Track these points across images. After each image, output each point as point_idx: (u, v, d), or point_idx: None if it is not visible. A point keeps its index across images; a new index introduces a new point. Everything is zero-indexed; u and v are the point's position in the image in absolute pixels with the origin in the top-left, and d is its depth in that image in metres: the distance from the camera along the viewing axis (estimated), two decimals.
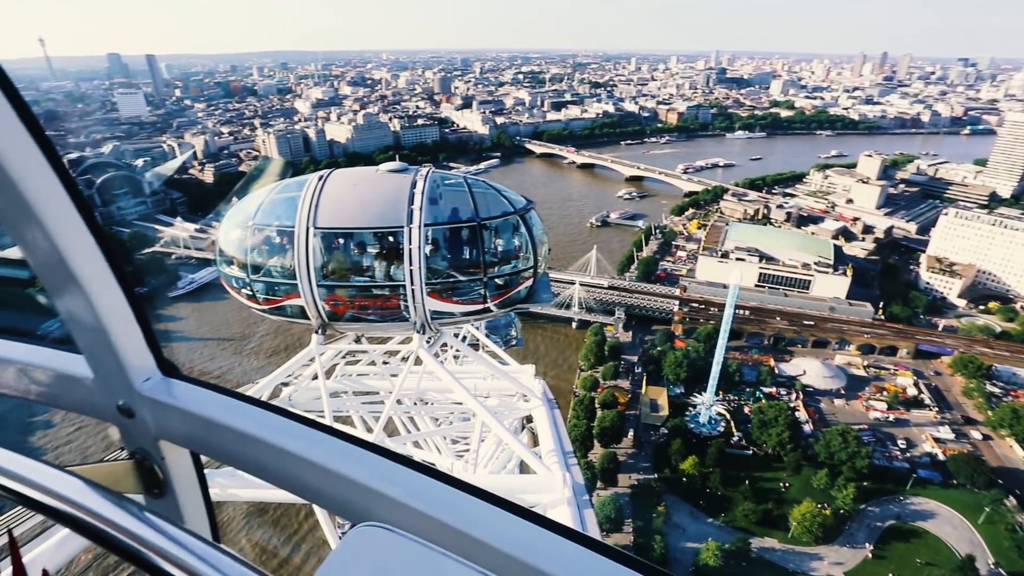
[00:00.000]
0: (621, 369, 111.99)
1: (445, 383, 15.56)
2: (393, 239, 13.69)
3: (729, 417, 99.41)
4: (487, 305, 14.79)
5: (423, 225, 13.36)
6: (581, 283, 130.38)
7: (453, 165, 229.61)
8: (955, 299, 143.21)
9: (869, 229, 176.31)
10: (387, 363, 18.83)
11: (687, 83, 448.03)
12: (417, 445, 21.93)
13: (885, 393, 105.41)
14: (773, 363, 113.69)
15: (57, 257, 2.18)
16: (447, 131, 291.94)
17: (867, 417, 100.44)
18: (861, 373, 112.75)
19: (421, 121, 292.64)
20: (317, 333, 15.02)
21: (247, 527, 72.75)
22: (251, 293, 14.69)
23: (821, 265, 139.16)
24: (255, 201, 14.50)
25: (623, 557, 1.66)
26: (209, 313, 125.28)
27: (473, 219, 13.96)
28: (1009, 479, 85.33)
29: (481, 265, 14.21)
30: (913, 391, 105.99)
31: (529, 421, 19.58)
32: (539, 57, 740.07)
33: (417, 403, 21.01)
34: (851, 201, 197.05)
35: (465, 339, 23.79)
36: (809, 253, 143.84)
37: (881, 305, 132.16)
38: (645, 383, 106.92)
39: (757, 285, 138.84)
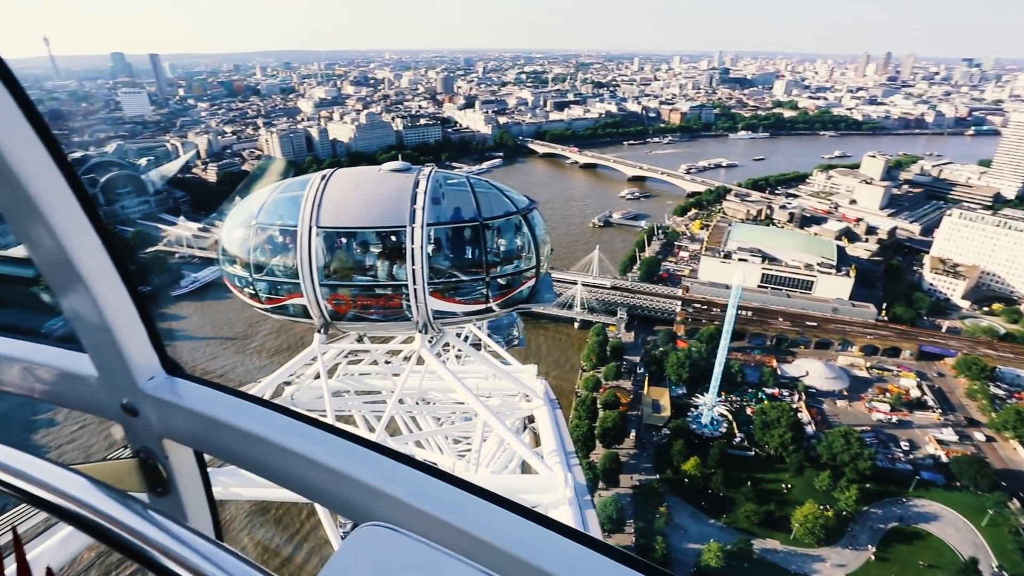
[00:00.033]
0: (623, 369, 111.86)
1: (447, 383, 15.56)
2: (396, 238, 13.66)
3: (731, 418, 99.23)
4: (489, 305, 14.76)
5: (426, 225, 13.33)
6: (583, 283, 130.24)
7: (456, 165, 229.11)
8: (959, 300, 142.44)
9: (872, 230, 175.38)
10: (389, 363, 18.78)
11: (690, 83, 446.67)
12: (419, 445, 21.89)
13: (888, 395, 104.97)
14: (775, 364, 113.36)
15: (62, 256, 2.18)
16: (450, 131, 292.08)
17: (870, 419, 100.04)
18: (864, 374, 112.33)
19: (424, 121, 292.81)
20: (319, 332, 15.01)
21: (250, 526, 72.89)
22: (254, 292, 14.69)
23: (824, 266, 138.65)
24: (258, 200, 14.50)
25: (625, 557, 1.66)
26: (212, 312, 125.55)
27: (476, 219, 13.93)
28: (1013, 481, 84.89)
29: (483, 265, 14.17)
30: (916, 393, 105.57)
31: (531, 421, 19.57)
32: (542, 57, 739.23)
33: (419, 403, 21.06)
34: (854, 202, 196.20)
35: (467, 339, 23.72)
36: (812, 254, 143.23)
37: (884, 306, 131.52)
38: (647, 384, 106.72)
39: (760, 286, 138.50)
